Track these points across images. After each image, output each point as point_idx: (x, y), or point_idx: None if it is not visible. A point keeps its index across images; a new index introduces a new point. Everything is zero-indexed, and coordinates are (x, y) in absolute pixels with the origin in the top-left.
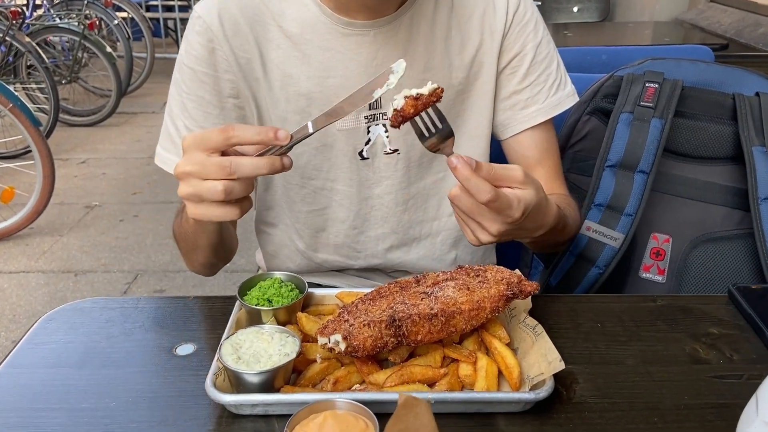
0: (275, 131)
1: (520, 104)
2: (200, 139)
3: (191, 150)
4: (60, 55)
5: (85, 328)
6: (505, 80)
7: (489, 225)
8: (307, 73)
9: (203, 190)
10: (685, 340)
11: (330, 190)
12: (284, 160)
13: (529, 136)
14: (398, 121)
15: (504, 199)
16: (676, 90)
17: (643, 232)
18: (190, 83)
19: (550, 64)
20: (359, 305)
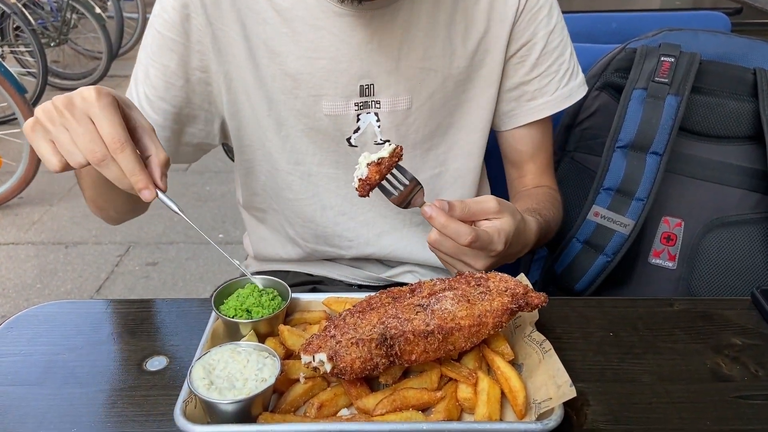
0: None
1: (527, 96)
2: (101, 108)
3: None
4: (48, 17)
5: (48, 337)
6: (512, 70)
7: (474, 262)
8: (296, 53)
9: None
10: (706, 353)
11: (317, 175)
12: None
13: (527, 130)
14: (366, 190)
15: (484, 237)
16: (693, 64)
17: (653, 215)
18: (157, 49)
19: (562, 53)
20: (347, 318)
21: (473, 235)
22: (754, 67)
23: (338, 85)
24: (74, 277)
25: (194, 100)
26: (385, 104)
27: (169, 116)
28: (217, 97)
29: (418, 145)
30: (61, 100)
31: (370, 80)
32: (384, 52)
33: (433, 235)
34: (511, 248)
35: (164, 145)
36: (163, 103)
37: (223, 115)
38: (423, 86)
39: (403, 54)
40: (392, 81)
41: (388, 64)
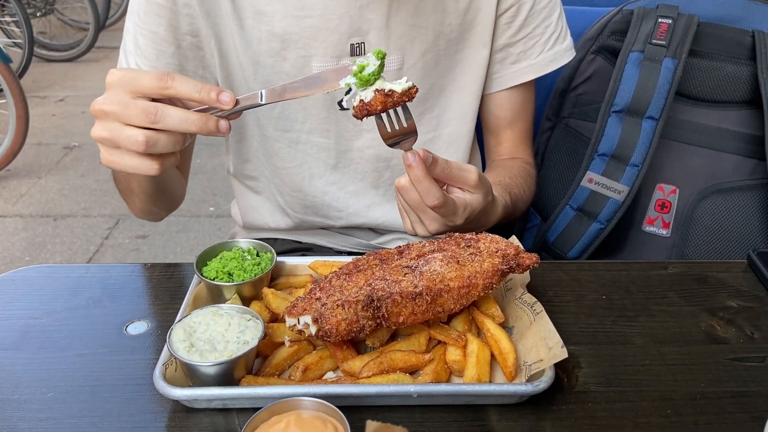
0: (218, 92)
1: (511, 58)
2: (130, 78)
3: (116, 88)
4: None
5: (26, 302)
6: (500, 30)
7: (429, 223)
8: (282, 12)
9: (122, 137)
10: (700, 315)
11: (306, 143)
12: (220, 123)
13: (508, 95)
14: (362, 113)
15: (450, 206)
16: (691, 26)
17: (648, 182)
18: (144, 16)
19: (550, 14)
20: (333, 280)
21: (441, 201)
22: (753, 30)
23: (328, 44)
24: (63, 249)
25: (188, 66)
26: None
27: None
28: (210, 61)
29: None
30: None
31: (360, 38)
32: (374, 8)
33: (403, 181)
34: (468, 224)
35: None
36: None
37: (217, 79)
38: (414, 44)
39: (394, 10)
40: (383, 39)
41: (378, 20)
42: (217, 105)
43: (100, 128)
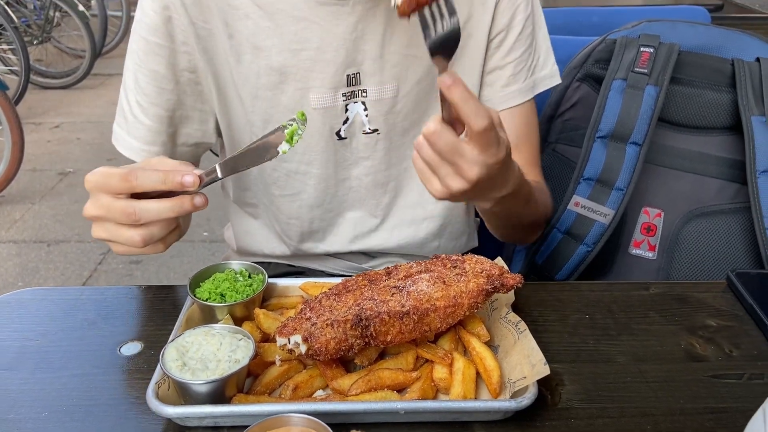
0: (182, 176)
1: (501, 81)
2: (102, 183)
3: (95, 192)
4: (31, 15)
5: (22, 324)
6: (490, 52)
7: (468, 168)
8: (279, 46)
9: (122, 238)
10: (680, 334)
11: (305, 174)
12: (195, 200)
13: (508, 116)
14: (411, 7)
15: (495, 132)
16: (672, 55)
17: (634, 206)
18: (143, 55)
19: (534, 40)
20: (323, 301)
21: (490, 121)
22: (732, 58)
23: (325, 75)
24: (56, 275)
25: (186, 101)
26: (372, 93)
27: (163, 120)
28: (208, 95)
29: (407, 132)
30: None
31: (356, 69)
32: (369, 39)
33: (433, 125)
34: (498, 173)
35: (161, 149)
36: (156, 108)
37: (215, 112)
38: (409, 73)
39: (387, 41)
40: (377, 69)
41: (373, 51)
42: (184, 189)
43: (100, 230)
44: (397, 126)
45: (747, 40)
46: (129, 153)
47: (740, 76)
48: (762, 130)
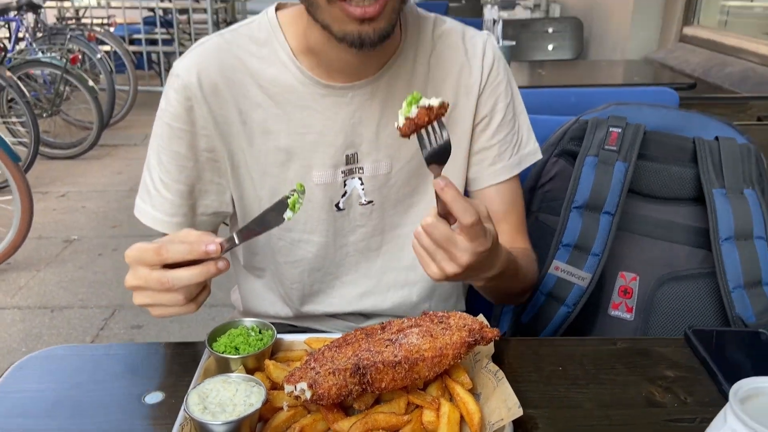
0: (206, 245)
1: (488, 160)
2: (139, 257)
3: (133, 266)
4: (42, 89)
5: (56, 376)
6: (476, 136)
7: (460, 255)
8: (287, 130)
9: (165, 300)
10: (642, 383)
11: (307, 242)
12: (219, 264)
13: (495, 191)
14: (411, 129)
15: (483, 227)
16: (638, 134)
17: (611, 270)
18: (167, 139)
19: (517, 122)
20: (326, 352)
21: (477, 217)
22: (693, 137)
23: (326, 155)
24: (59, 341)
25: (205, 176)
26: (368, 169)
27: (184, 194)
28: (224, 171)
29: (399, 203)
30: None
31: (354, 149)
32: (365, 125)
33: (429, 219)
34: (486, 259)
35: (183, 219)
36: (178, 184)
37: (230, 185)
38: (401, 153)
39: (382, 126)
40: (373, 149)
41: (369, 135)
42: (208, 256)
43: (141, 297)
44: (391, 197)
45: (706, 121)
46: (153, 224)
47: (701, 153)
48: (722, 201)
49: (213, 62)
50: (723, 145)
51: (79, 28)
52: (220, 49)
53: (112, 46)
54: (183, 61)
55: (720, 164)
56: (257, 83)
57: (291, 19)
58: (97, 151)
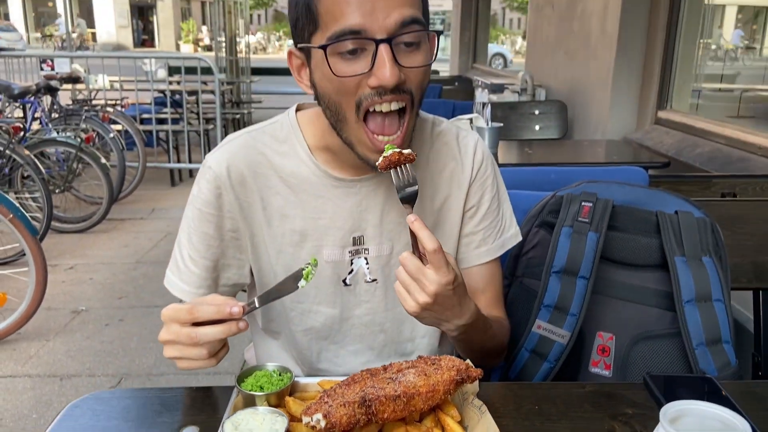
0: (231, 308)
1: (474, 243)
2: (173, 316)
3: (168, 322)
4: (55, 166)
5: (107, 414)
6: (465, 222)
7: (428, 284)
8: (302, 215)
9: (192, 354)
10: (605, 419)
11: (316, 313)
12: (240, 324)
13: (478, 270)
14: (385, 165)
15: (444, 255)
16: (607, 208)
17: (590, 330)
18: (197, 221)
19: (500, 211)
20: (337, 389)
21: (439, 244)
22: (656, 211)
23: (336, 237)
24: None
25: (228, 253)
26: (372, 250)
27: (209, 269)
28: (245, 249)
29: None
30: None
31: (360, 233)
32: (370, 212)
33: (405, 253)
34: (453, 297)
35: (207, 291)
36: (205, 260)
37: (249, 261)
38: (401, 236)
39: (385, 213)
40: (377, 233)
41: (374, 220)
42: (231, 317)
43: (172, 350)
44: (392, 276)
45: (667, 197)
46: (181, 295)
47: (663, 225)
48: (683, 267)
49: (241, 156)
50: (682, 218)
51: (94, 109)
52: (247, 146)
53: (123, 125)
54: (215, 154)
55: (680, 235)
56: (278, 175)
57: (309, 120)
58: (105, 225)
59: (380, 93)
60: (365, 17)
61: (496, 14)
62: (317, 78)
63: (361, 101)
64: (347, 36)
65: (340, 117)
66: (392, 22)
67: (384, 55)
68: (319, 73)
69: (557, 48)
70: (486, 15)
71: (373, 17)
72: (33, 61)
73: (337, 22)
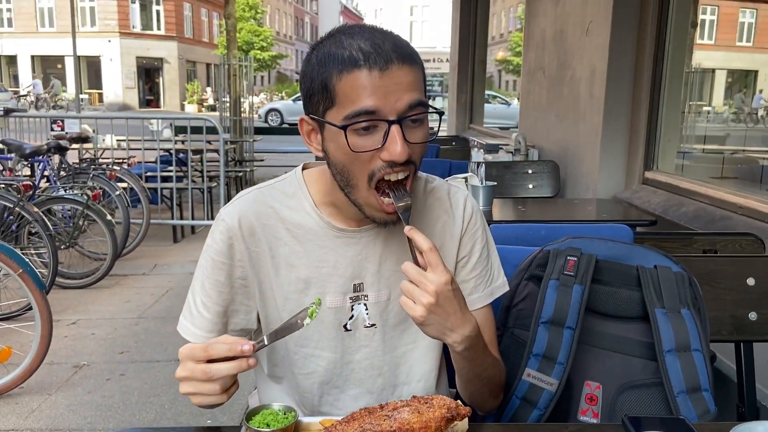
0: (242, 345)
1: (466, 291)
2: (190, 354)
3: (184, 360)
4: (61, 222)
5: None
6: (458, 270)
7: (428, 284)
8: (307, 263)
9: (205, 389)
10: None
11: (318, 357)
12: (249, 361)
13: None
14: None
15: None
16: (591, 262)
17: (578, 379)
18: (210, 269)
19: (489, 261)
20: (338, 426)
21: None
22: (636, 265)
23: (338, 285)
24: None
25: (237, 299)
26: (371, 297)
27: (220, 314)
28: (253, 295)
29: (396, 326)
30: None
31: (360, 280)
32: (369, 261)
33: (407, 263)
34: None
35: (217, 335)
36: (216, 305)
37: (257, 308)
38: (398, 284)
39: (383, 261)
40: (376, 280)
41: (372, 268)
42: (243, 354)
43: (187, 386)
44: (389, 321)
45: (646, 252)
46: (192, 339)
47: (644, 278)
48: (663, 319)
49: (251, 210)
50: (661, 272)
51: (101, 167)
52: (257, 200)
53: (129, 183)
54: (228, 208)
55: (660, 288)
56: (285, 227)
57: (314, 178)
58: (107, 281)
59: (391, 165)
60: (379, 101)
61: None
62: (331, 148)
63: (374, 173)
64: (363, 116)
65: (351, 183)
66: (402, 105)
67: (395, 134)
68: (334, 144)
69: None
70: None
71: (386, 101)
72: (42, 121)
73: (354, 103)
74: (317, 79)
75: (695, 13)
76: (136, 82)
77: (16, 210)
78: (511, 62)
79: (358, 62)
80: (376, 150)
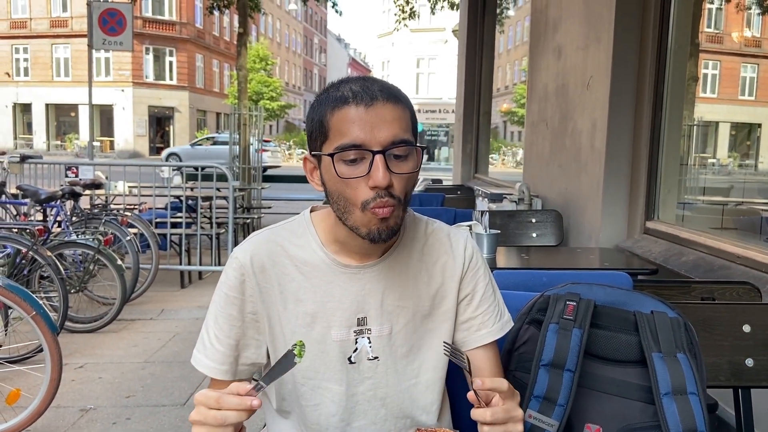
0: (251, 402)
1: (474, 327)
2: (204, 401)
3: (198, 405)
4: (72, 267)
5: None
6: (462, 308)
7: (517, 413)
8: (314, 298)
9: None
10: None
11: (324, 389)
12: (253, 403)
13: (481, 352)
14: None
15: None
16: (589, 307)
17: (579, 422)
18: (223, 304)
19: (492, 298)
20: None
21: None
22: (634, 310)
23: (342, 318)
24: None
25: (248, 333)
26: (375, 330)
27: (232, 347)
28: (263, 329)
29: (399, 360)
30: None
31: (364, 314)
32: (372, 296)
33: (485, 410)
34: None
35: (229, 368)
36: (228, 339)
37: (267, 342)
38: (399, 318)
39: (385, 297)
40: (378, 314)
41: (375, 303)
42: (253, 408)
43: (200, 429)
44: (392, 354)
45: (643, 298)
46: (206, 371)
47: (641, 323)
48: (660, 363)
49: (263, 248)
50: (657, 318)
51: (112, 213)
52: (268, 240)
53: (139, 229)
54: (242, 246)
55: (656, 333)
56: (293, 264)
57: (320, 219)
58: (115, 325)
59: (379, 195)
60: (366, 134)
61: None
62: (326, 178)
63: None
64: (350, 148)
65: (347, 209)
66: (385, 138)
67: (378, 163)
68: (328, 174)
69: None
70: (486, 129)
71: (372, 135)
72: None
73: (344, 136)
74: (315, 119)
75: (696, 67)
76: (147, 130)
77: (29, 254)
78: (516, 113)
79: (347, 100)
80: (362, 177)
